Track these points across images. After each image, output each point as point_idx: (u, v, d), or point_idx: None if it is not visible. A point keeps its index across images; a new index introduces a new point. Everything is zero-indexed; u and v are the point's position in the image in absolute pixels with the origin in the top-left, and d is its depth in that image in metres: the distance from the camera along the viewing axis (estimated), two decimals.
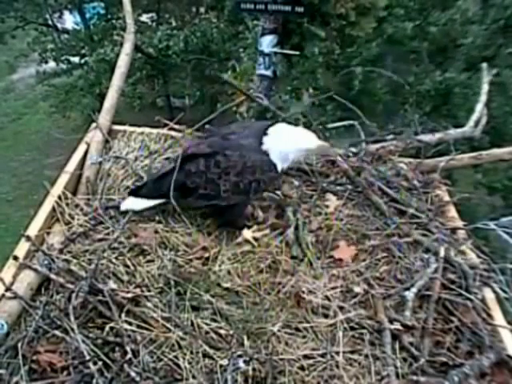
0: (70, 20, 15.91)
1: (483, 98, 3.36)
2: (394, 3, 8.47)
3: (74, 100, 13.13)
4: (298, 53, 4.07)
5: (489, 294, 2.22)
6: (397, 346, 1.96)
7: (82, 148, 2.87)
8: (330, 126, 3.39)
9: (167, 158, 2.87)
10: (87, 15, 15.16)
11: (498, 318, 2.11)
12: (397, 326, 2.01)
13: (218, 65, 12.03)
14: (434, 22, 9.64)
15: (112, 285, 2.06)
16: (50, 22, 15.09)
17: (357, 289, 2.21)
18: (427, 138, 3.14)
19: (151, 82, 13.93)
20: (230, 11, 10.58)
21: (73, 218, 2.43)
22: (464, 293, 2.18)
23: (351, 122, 3.30)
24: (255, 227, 2.52)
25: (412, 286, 2.17)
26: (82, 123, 12.56)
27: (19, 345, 1.81)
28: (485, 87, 3.42)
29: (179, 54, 11.10)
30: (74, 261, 2.18)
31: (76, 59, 14.45)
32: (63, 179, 2.61)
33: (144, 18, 14.51)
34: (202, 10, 13.80)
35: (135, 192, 2.49)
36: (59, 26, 15.23)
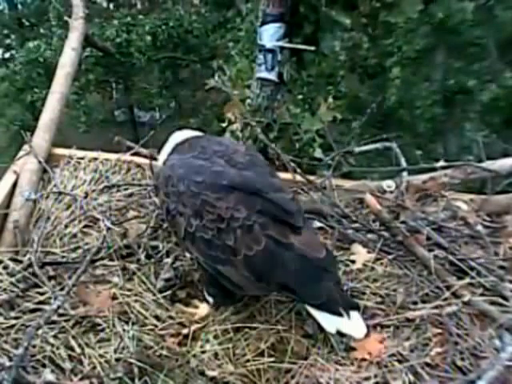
0: None
1: None
2: None
3: None
4: (312, 48, 4.13)
5: None
6: None
7: (8, 180, 2.90)
8: (358, 149, 3.43)
9: (131, 195, 2.90)
10: None
11: None
12: None
13: (200, 65, 12.18)
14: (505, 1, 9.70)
15: (49, 376, 2.05)
16: None
17: (398, 381, 2.20)
18: (496, 165, 3.17)
19: (107, 89, 14.00)
20: None
21: None
22: None
23: (387, 143, 3.35)
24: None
25: (479, 379, 2.16)
26: (6, 144, 12.58)
27: None
28: None
29: (144, 51, 11.23)
30: None
31: None
32: None
33: None
34: None
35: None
36: None
